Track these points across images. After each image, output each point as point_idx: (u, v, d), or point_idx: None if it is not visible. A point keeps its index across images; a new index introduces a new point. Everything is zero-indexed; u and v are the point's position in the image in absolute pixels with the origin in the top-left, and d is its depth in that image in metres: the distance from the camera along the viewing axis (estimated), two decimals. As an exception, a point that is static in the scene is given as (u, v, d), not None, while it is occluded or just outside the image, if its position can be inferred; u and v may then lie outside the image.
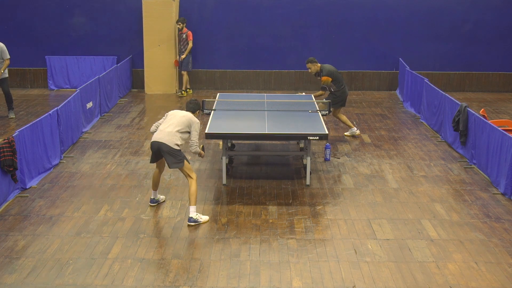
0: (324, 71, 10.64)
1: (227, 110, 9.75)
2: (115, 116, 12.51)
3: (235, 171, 9.30)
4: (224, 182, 8.64)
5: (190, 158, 9.14)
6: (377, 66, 15.19)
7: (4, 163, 7.64)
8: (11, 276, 6.07)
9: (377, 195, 8.32)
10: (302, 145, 10.04)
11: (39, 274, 6.11)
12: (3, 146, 7.67)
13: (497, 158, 8.49)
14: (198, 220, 7.31)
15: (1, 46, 11.74)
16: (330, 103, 9.91)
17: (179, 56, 14.34)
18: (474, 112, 9.52)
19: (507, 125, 10.07)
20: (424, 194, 8.38)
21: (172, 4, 14.28)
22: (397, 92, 14.94)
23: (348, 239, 6.97)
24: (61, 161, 9.54)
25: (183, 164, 7.36)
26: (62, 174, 9.05)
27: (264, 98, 10.74)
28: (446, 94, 10.90)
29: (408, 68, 13.62)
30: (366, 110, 13.29)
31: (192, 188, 7.33)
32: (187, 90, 14.57)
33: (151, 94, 14.64)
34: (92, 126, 11.59)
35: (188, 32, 14.11)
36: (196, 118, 7.58)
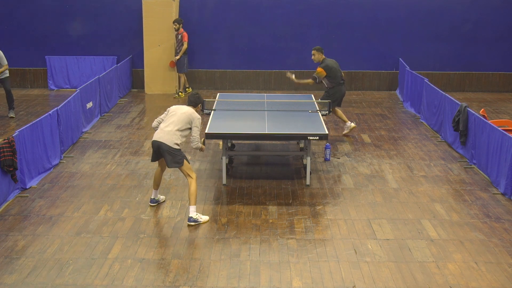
0: (322, 64, 10.62)
1: (227, 110, 9.75)
2: (115, 116, 12.51)
3: (235, 171, 9.30)
4: (224, 182, 8.64)
5: (190, 158, 9.13)
6: (377, 66, 15.19)
7: (4, 163, 7.64)
8: (11, 276, 6.07)
9: (377, 195, 8.32)
10: (302, 145, 10.04)
11: (39, 274, 6.11)
12: (3, 146, 7.67)
13: (497, 158, 8.49)
14: (198, 220, 7.30)
15: None
16: (330, 103, 9.92)
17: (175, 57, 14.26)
18: (474, 112, 9.51)
19: (507, 125, 10.07)
20: (424, 194, 8.38)
21: (172, 4, 14.27)
22: (397, 92, 14.94)
23: (348, 239, 6.97)
24: (61, 161, 9.55)
25: (182, 164, 7.36)
26: (62, 174, 9.05)
27: (264, 98, 10.75)
28: (446, 94, 10.90)
29: (408, 68, 13.61)
30: (366, 110, 13.29)
31: (192, 187, 7.33)
32: (186, 90, 14.54)
33: (151, 94, 14.64)
34: (92, 126, 11.59)
35: (184, 33, 13.94)
36: (197, 113, 7.55)
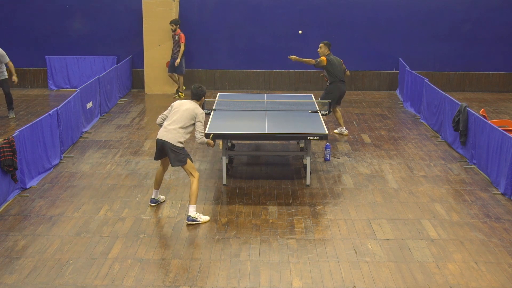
0: (326, 56, 10.74)
1: (227, 110, 9.75)
2: (115, 116, 12.51)
3: (235, 171, 9.30)
4: (224, 182, 8.63)
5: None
6: (377, 66, 15.19)
7: (4, 163, 7.64)
8: (11, 276, 6.07)
9: (377, 195, 8.32)
10: (302, 145, 10.04)
11: (39, 274, 6.11)
12: (3, 146, 7.67)
13: (497, 158, 8.48)
14: (197, 219, 7.30)
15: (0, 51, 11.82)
16: (330, 103, 9.92)
17: (172, 59, 14.01)
18: (474, 112, 9.51)
19: (507, 125, 10.07)
20: (424, 194, 8.38)
21: (172, 4, 14.27)
22: (397, 92, 14.94)
23: (348, 239, 6.97)
24: (61, 161, 9.55)
25: (185, 163, 7.35)
26: (62, 174, 9.05)
27: (264, 98, 10.75)
28: (446, 94, 10.89)
29: (408, 68, 13.61)
30: (366, 110, 13.29)
31: (193, 186, 7.32)
32: (179, 93, 14.33)
33: (151, 94, 14.64)
34: (92, 126, 11.58)
35: (181, 35, 13.77)
36: (200, 108, 7.51)
